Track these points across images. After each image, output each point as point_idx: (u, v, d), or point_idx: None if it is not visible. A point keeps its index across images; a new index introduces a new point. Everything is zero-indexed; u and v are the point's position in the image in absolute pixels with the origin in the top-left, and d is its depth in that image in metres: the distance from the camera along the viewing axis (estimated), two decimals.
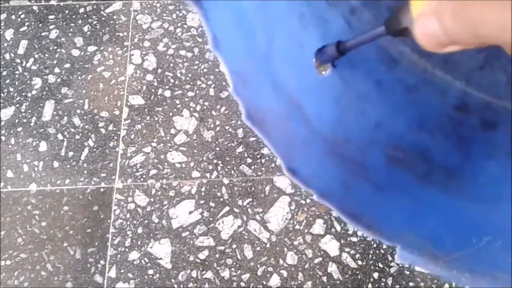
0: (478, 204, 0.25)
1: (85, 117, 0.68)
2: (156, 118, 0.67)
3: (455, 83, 0.29)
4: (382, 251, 0.59)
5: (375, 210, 0.24)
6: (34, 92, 0.70)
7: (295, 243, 0.59)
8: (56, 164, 0.65)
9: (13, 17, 0.75)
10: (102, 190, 0.63)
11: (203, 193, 0.62)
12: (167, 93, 0.69)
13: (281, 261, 0.58)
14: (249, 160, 0.64)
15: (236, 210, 0.61)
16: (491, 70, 0.29)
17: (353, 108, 0.28)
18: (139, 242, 0.60)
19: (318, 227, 0.60)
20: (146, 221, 0.61)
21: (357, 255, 0.59)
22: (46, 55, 0.72)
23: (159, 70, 0.70)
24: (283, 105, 0.25)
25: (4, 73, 0.71)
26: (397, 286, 0.57)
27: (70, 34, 0.74)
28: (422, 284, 0.57)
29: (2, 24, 0.75)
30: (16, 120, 0.68)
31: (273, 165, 0.63)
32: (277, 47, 0.26)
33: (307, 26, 0.28)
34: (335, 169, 0.25)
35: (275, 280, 0.57)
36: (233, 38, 0.23)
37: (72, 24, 0.75)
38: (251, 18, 0.24)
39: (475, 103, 0.29)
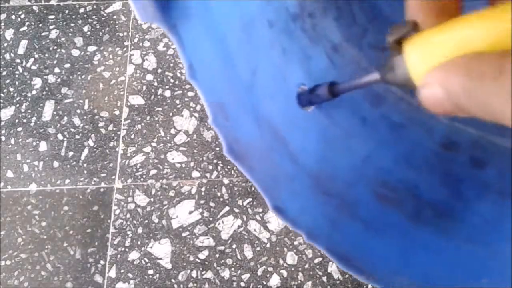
0: (471, 246, 0.25)
1: (85, 117, 0.68)
2: (156, 118, 0.67)
3: (441, 119, 0.29)
4: None
5: (365, 250, 0.23)
6: (34, 92, 0.70)
7: (295, 243, 0.59)
8: (56, 164, 0.65)
9: (13, 17, 0.75)
10: (102, 190, 0.63)
11: (203, 193, 0.62)
12: (167, 93, 0.69)
13: (281, 261, 0.58)
14: None
15: (236, 210, 0.61)
16: None
17: (339, 143, 0.28)
18: (139, 242, 0.60)
19: None
20: (146, 221, 0.61)
21: None
22: (46, 55, 0.72)
23: (159, 70, 0.70)
24: (266, 139, 0.24)
25: (4, 73, 0.71)
26: None
27: (70, 34, 0.74)
28: None
29: (2, 24, 0.75)
30: (16, 120, 0.68)
31: None
32: (260, 78, 0.25)
33: (290, 61, 0.27)
34: (322, 206, 0.24)
35: (275, 280, 0.57)
36: (212, 67, 0.22)
37: (72, 24, 0.75)
38: (232, 48, 0.24)
39: (463, 140, 0.29)
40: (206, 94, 0.21)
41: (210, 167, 0.64)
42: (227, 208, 0.61)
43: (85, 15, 0.75)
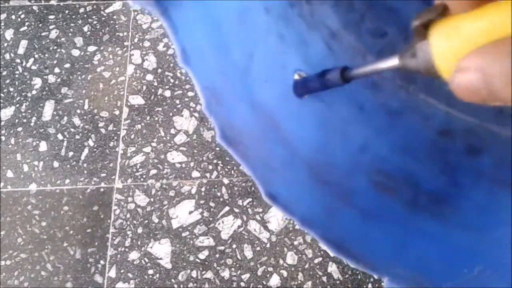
0: (466, 232, 0.25)
1: (85, 117, 0.68)
2: (156, 118, 0.67)
3: (438, 107, 0.29)
4: None
5: (361, 238, 0.23)
6: (34, 92, 0.70)
7: (295, 243, 0.59)
8: (56, 164, 0.65)
9: (13, 17, 0.75)
10: (102, 190, 0.63)
11: (203, 193, 0.62)
12: (167, 93, 0.69)
13: (281, 261, 0.58)
14: None
15: (236, 210, 0.61)
16: None
17: (336, 131, 0.27)
18: (139, 242, 0.60)
19: None
20: (146, 221, 0.61)
21: None
22: (46, 55, 0.72)
23: (159, 70, 0.71)
24: (261, 125, 0.24)
25: (4, 73, 0.71)
26: None
27: (70, 34, 0.74)
28: None
29: (2, 24, 0.75)
30: (16, 120, 0.68)
31: None
32: (256, 64, 0.25)
33: (287, 47, 0.27)
34: (318, 194, 0.24)
35: (275, 280, 0.57)
36: (205, 52, 0.22)
37: (72, 24, 0.75)
38: (227, 33, 0.23)
39: (459, 128, 0.28)
40: (200, 79, 0.20)
41: (210, 167, 0.64)
42: (227, 208, 0.61)
43: (85, 15, 0.75)
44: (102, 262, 0.59)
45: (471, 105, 0.27)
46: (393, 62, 0.20)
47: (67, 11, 0.76)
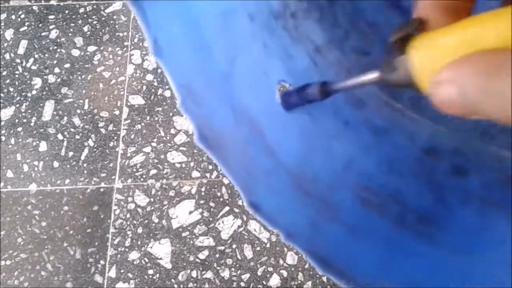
0: (455, 252, 0.24)
1: (85, 117, 0.68)
2: (156, 118, 0.67)
3: (424, 124, 0.28)
4: None
5: (346, 254, 0.22)
6: (34, 92, 0.70)
7: None
8: (56, 164, 0.65)
9: (13, 17, 0.75)
10: (102, 190, 0.63)
11: (203, 193, 0.62)
12: (167, 93, 0.69)
13: (281, 261, 0.58)
14: None
15: (236, 210, 0.61)
16: (457, 116, 0.28)
17: (321, 144, 0.27)
18: (139, 242, 0.60)
19: None
20: (146, 221, 0.61)
21: None
22: (46, 55, 0.72)
23: (159, 70, 0.70)
24: (243, 130, 0.23)
25: (4, 73, 0.71)
26: None
27: (70, 34, 0.74)
28: None
29: (2, 24, 0.75)
30: (16, 120, 0.68)
31: None
32: (239, 69, 0.24)
33: (271, 56, 0.27)
34: (302, 206, 0.23)
35: (275, 280, 0.57)
36: (182, 49, 0.21)
37: (72, 24, 0.75)
38: (207, 34, 0.23)
39: (445, 146, 0.28)
40: (173, 75, 0.19)
41: (210, 167, 0.64)
42: (227, 208, 0.61)
43: (85, 15, 0.75)
44: (102, 262, 0.59)
45: (457, 123, 0.27)
46: (373, 76, 0.20)
47: (67, 11, 0.76)
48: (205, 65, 0.23)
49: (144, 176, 0.63)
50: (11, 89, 0.70)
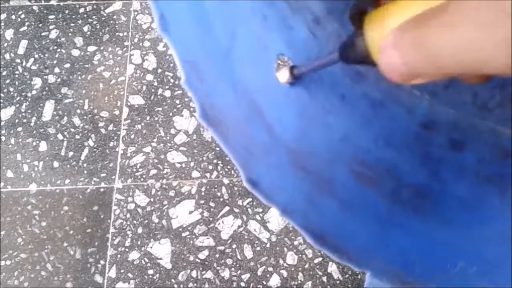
0: (449, 228, 0.24)
1: (85, 117, 0.68)
2: (156, 118, 0.67)
3: (422, 98, 0.29)
4: None
5: (341, 229, 0.23)
6: (34, 92, 0.70)
7: (295, 243, 0.59)
8: (56, 164, 0.65)
9: (13, 17, 0.75)
10: (102, 190, 0.63)
11: (203, 193, 0.62)
12: (167, 93, 0.69)
13: (281, 261, 0.58)
14: None
15: (236, 210, 0.61)
16: (456, 89, 0.28)
17: (318, 120, 0.27)
18: (139, 242, 0.60)
19: None
20: (146, 221, 0.61)
21: None
22: (46, 55, 0.72)
23: (159, 70, 0.71)
24: (243, 107, 0.23)
25: (4, 73, 0.71)
26: None
27: (70, 34, 0.74)
28: None
29: (2, 24, 0.75)
30: (16, 120, 0.68)
31: None
32: (239, 44, 0.24)
33: (271, 29, 0.27)
34: (299, 182, 0.23)
35: (275, 280, 0.57)
36: (187, 24, 0.21)
37: (72, 24, 0.75)
38: (209, 7, 0.23)
39: (442, 121, 0.28)
40: (179, 51, 0.19)
41: (210, 167, 0.64)
42: (227, 208, 0.61)
43: (85, 15, 0.75)
44: (102, 262, 0.59)
45: (455, 96, 0.27)
46: (333, 56, 0.21)
47: (67, 11, 0.76)
48: (207, 39, 0.23)
49: (144, 176, 0.63)
50: (11, 89, 0.70)
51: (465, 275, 0.22)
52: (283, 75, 0.25)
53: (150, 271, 0.58)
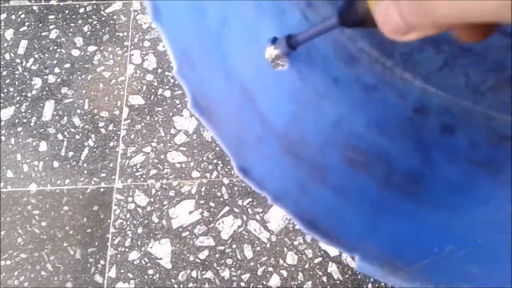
0: (439, 211, 0.24)
1: (85, 117, 0.68)
2: (156, 118, 0.67)
3: (414, 83, 0.29)
4: None
5: (333, 215, 0.23)
6: (34, 92, 0.70)
7: (295, 243, 0.59)
8: (56, 164, 0.65)
9: (13, 17, 0.75)
10: (102, 190, 0.63)
11: (203, 193, 0.62)
12: (167, 93, 0.69)
13: (281, 261, 0.58)
14: None
15: (236, 210, 0.61)
16: (450, 72, 0.28)
17: (310, 105, 0.27)
18: (139, 242, 0.60)
19: None
20: (146, 221, 0.61)
21: None
22: (46, 55, 0.72)
23: (159, 70, 0.71)
24: (235, 96, 0.23)
25: (4, 73, 0.71)
26: None
27: (70, 34, 0.74)
28: None
29: (2, 24, 0.75)
30: (16, 120, 0.68)
31: None
32: (230, 32, 0.24)
33: (263, 16, 0.26)
34: (291, 170, 0.23)
35: (275, 280, 0.57)
36: (179, 12, 0.21)
37: (72, 24, 0.75)
38: None
39: (434, 105, 0.28)
40: (171, 40, 0.19)
41: (210, 167, 0.64)
42: (227, 208, 0.61)
43: (85, 15, 0.75)
44: (102, 262, 0.59)
45: (447, 80, 0.27)
46: (332, 21, 0.21)
47: (67, 11, 0.76)
48: (199, 28, 0.22)
49: (144, 176, 0.63)
50: (11, 89, 0.70)
51: (453, 259, 0.22)
52: (277, 49, 0.24)
53: (150, 271, 0.58)
